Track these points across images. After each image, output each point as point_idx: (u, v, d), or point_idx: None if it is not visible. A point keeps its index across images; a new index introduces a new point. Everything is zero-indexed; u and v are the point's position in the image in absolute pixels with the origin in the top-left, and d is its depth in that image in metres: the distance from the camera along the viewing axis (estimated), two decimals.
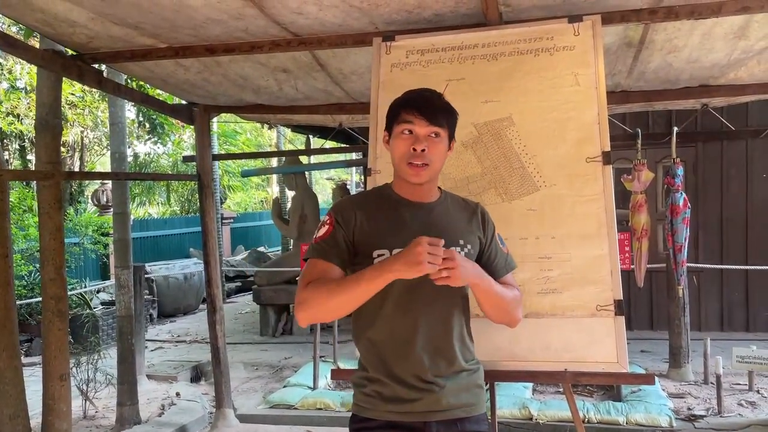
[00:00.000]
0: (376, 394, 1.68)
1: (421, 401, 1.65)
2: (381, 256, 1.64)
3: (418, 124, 1.65)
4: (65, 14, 2.68)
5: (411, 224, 1.69)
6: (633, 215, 3.96)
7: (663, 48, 3.15)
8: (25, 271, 7.65)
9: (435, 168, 1.69)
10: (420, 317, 1.66)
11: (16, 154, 11.71)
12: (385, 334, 1.67)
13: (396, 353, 1.66)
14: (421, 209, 1.73)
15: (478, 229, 1.77)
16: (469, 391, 1.71)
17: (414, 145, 1.64)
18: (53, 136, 3.26)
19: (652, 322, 7.23)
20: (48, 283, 3.20)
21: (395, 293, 1.64)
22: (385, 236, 1.66)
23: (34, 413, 3.33)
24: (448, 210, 1.77)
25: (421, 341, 1.65)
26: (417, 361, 1.65)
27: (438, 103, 1.71)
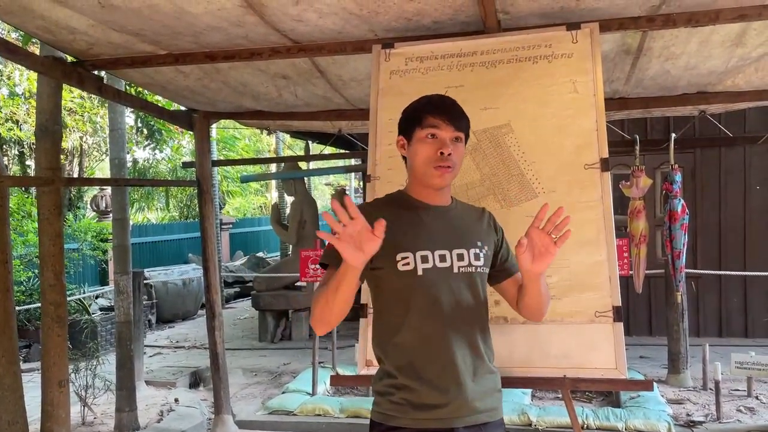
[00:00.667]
0: (405, 402, 1.66)
1: (448, 406, 1.64)
2: (405, 259, 1.65)
3: (444, 129, 1.69)
4: (66, 21, 2.69)
5: (431, 226, 1.72)
6: (631, 221, 3.98)
7: (661, 55, 3.17)
8: (24, 277, 7.65)
9: (457, 171, 1.74)
10: (447, 319, 1.66)
11: (15, 159, 11.72)
12: (413, 338, 1.67)
13: (427, 356, 1.65)
14: (439, 212, 1.76)
15: (491, 230, 1.82)
16: (492, 395, 1.72)
17: (442, 149, 1.67)
18: (53, 142, 3.27)
19: (651, 328, 7.23)
20: (47, 289, 3.20)
21: (419, 298, 1.66)
22: (407, 239, 1.68)
23: (32, 419, 3.33)
24: (463, 213, 1.82)
25: (451, 342, 1.66)
26: (449, 362, 1.64)
27: (459, 109, 1.76)
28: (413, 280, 1.65)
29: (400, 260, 1.65)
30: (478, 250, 1.72)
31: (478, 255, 1.72)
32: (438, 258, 1.67)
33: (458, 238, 1.71)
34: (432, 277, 1.66)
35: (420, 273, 1.65)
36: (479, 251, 1.72)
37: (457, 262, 1.68)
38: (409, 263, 1.65)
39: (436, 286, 1.65)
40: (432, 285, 1.65)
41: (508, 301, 1.88)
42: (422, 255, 1.66)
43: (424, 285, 1.65)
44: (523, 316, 1.86)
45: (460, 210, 1.82)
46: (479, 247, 1.73)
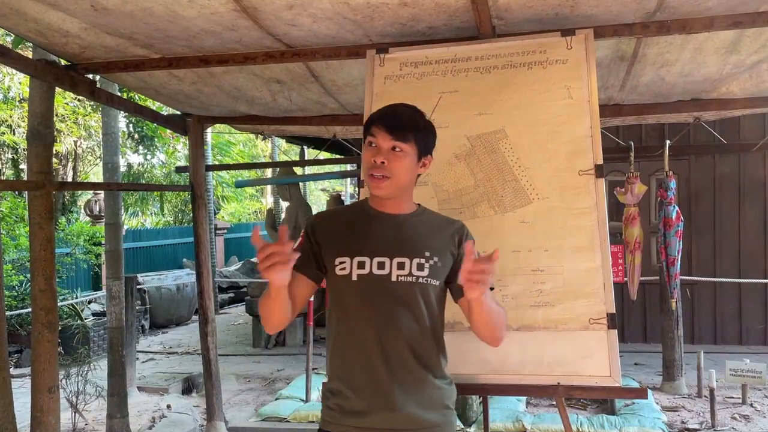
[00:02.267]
0: (337, 407, 1.68)
1: (381, 416, 1.62)
2: (342, 264, 1.66)
3: (381, 137, 1.65)
4: (58, 24, 2.67)
5: (375, 233, 1.70)
6: (626, 228, 3.97)
7: (655, 62, 3.17)
8: (16, 282, 7.59)
9: (398, 182, 1.67)
10: (381, 327, 1.63)
11: (8, 164, 11.67)
12: (347, 344, 1.67)
13: (358, 363, 1.65)
14: (390, 220, 1.73)
15: (454, 243, 1.74)
16: (435, 410, 1.68)
17: (374, 157, 1.65)
18: (45, 146, 3.24)
19: (646, 335, 7.23)
20: (38, 294, 3.17)
21: (352, 304, 1.66)
22: (347, 244, 1.68)
23: (22, 426, 3.29)
24: (420, 223, 1.76)
25: (382, 351, 1.63)
26: (378, 371, 1.62)
27: (407, 119, 1.69)
28: (348, 285, 1.66)
29: (338, 264, 1.67)
30: (423, 260, 1.66)
31: (423, 265, 1.66)
32: (376, 265, 1.65)
33: (403, 246, 1.67)
34: (367, 284, 1.64)
35: (354, 278, 1.64)
36: (425, 262, 1.66)
37: (397, 271, 1.65)
38: (345, 268, 1.65)
39: (371, 293, 1.63)
40: (366, 291, 1.63)
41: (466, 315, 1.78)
42: (359, 261, 1.65)
43: (359, 291, 1.64)
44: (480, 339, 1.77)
45: (422, 220, 1.77)
46: (426, 257, 1.67)
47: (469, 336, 2.32)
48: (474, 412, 4.56)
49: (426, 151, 1.73)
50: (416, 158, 1.70)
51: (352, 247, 1.67)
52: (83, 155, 13.87)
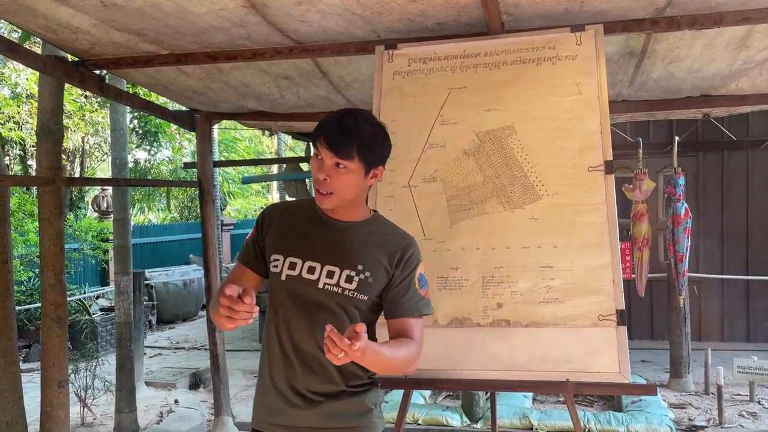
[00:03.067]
0: (259, 404, 1.71)
1: (297, 415, 1.63)
2: (276, 261, 1.66)
3: (324, 153, 1.59)
4: (68, 20, 2.68)
5: (314, 237, 1.68)
6: (634, 225, 3.96)
7: (665, 58, 3.16)
8: (25, 277, 7.63)
9: (342, 197, 1.63)
10: (299, 330, 1.63)
11: (16, 159, 11.72)
12: (272, 341, 1.68)
13: (278, 362, 1.66)
14: (334, 226, 1.69)
15: (391, 262, 1.66)
16: (352, 412, 1.66)
17: (317, 173, 1.61)
18: (54, 142, 3.25)
19: (653, 332, 7.21)
20: (47, 289, 3.19)
21: (279, 302, 1.66)
22: (285, 243, 1.68)
23: (32, 420, 3.31)
24: (365, 234, 1.69)
25: (298, 354, 1.63)
26: (293, 373, 1.63)
27: (350, 133, 1.59)
28: (277, 283, 1.66)
29: (272, 261, 1.67)
30: (354, 273, 1.62)
31: (352, 278, 1.62)
32: (306, 269, 1.63)
33: (337, 256, 1.63)
34: (294, 285, 1.63)
35: (283, 278, 1.64)
36: (355, 275, 1.62)
37: (325, 279, 1.62)
38: (277, 266, 1.65)
39: (297, 296, 1.63)
40: (292, 293, 1.63)
41: None
42: (291, 261, 1.64)
43: (285, 291, 1.64)
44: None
45: (367, 230, 1.70)
46: (357, 270, 1.62)
47: (478, 332, 2.34)
48: (480, 408, 4.56)
49: (374, 164, 1.64)
50: (363, 173, 1.62)
51: (288, 247, 1.66)
52: (90, 151, 13.92)
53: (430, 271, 1.74)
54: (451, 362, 2.34)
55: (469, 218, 2.43)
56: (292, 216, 1.74)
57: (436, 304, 2.38)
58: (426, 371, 2.35)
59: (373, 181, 1.69)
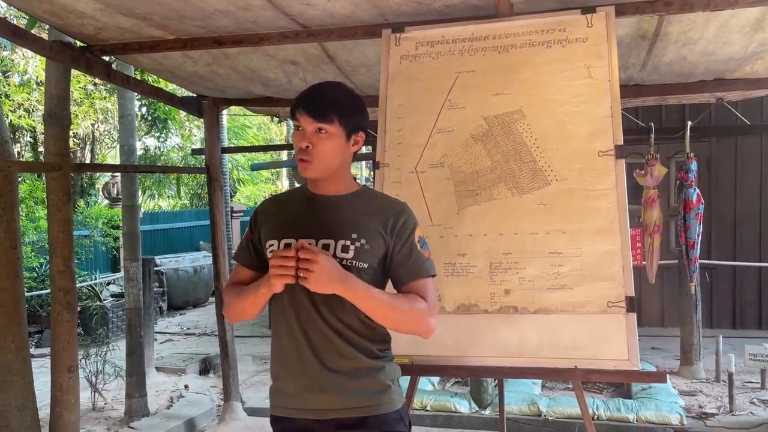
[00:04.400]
0: (276, 390, 1.70)
1: (314, 397, 1.61)
2: (271, 246, 1.65)
3: (303, 120, 1.61)
4: (73, 5, 2.67)
5: (305, 215, 1.67)
6: (645, 211, 3.92)
7: (677, 41, 3.10)
8: (36, 263, 7.69)
9: (325, 164, 1.63)
10: (306, 310, 1.61)
11: (27, 146, 11.77)
12: (280, 326, 1.67)
13: (288, 346, 1.64)
14: (324, 202, 1.68)
15: (386, 228, 1.64)
16: (370, 390, 1.63)
17: (299, 142, 1.62)
18: (62, 128, 3.25)
19: (663, 319, 7.17)
20: (57, 275, 3.20)
21: (291, 287, 1.60)
22: (277, 227, 1.68)
23: (43, 404, 3.34)
24: (357, 204, 1.68)
25: (308, 334, 1.62)
26: (304, 355, 1.62)
27: (331, 100, 1.62)
28: None
29: (268, 247, 1.67)
30: (348, 242, 1.60)
31: (347, 247, 1.60)
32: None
33: (330, 228, 1.62)
34: None
35: None
36: (350, 243, 1.60)
37: None
38: (273, 250, 1.63)
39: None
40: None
41: None
42: (286, 243, 1.62)
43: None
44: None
45: (357, 201, 1.70)
46: (352, 239, 1.61)
47: (486, 319, 2.32)
48: (489, 395, 4.56)
49: (355, 130, 1.66)
50: (344, 138, 1.64)
51: (282, 230, 1.66)
52: (101, 138, 13.96)
53: (437, 257, 1.72)
54: (458, 349, 2.33)
55: (477, 204, 2.40)
56: (283, 204, 1.76)
57: (443, 290, 2.37)
58: (433, 357, 2.34)
59: (354, 148, 1.69)
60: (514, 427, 4.28)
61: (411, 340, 2.34)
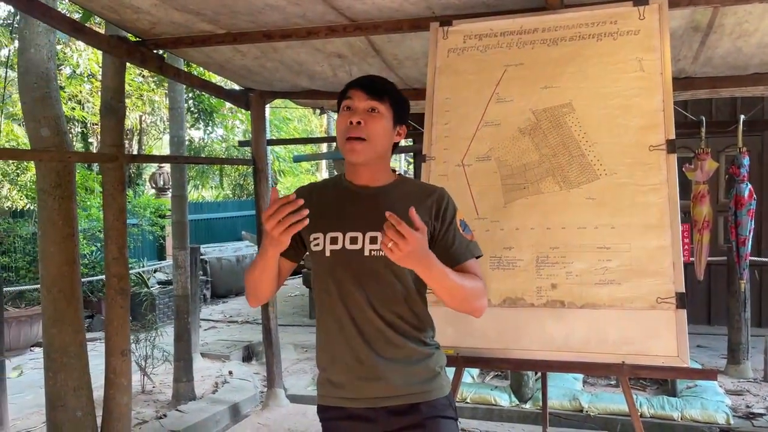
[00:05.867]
0: (326, 381, 1.71)
1: (369, 386, 1.63)
2: (316, 240, 1.65)
3: (357, 97, 1.63)
4: (130, 1, 2.75)
5: (349, 208, 1.68)
6: (694, 206, 3.84)
7: (732, 32, 3.02)
8: (87, 251, 7.95)
9: (375, 145, 1.63)
10: (355, 301, 1.63)
11: (78, 137, 12.14)
12: (328, 318, 1.68)
13: (337, 337, 1.65)
14: (365, 193, 1.69)
15: (430, 214, 1.66)
16: (423, 377, 1.66)
17: (351, 117, 1.62)
18: (117, 120, 3.36)
19: (710, 317, 7.01)
20: (111, 262, 3.32)
21: (327, 279, 1.65)
22: (321, 220, 1.65)
23: (95, 386, 3.47)
24: (397, 194, 1.69)
25: (356, 326, 1.63)
26: (355, 345, 1.63)
27: (383, 82, 1.69)
28: (322, 260, 1.65)
29: (312, 241, 1.66)
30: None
31: None
32: (349, 240, 1.63)
33: (376, 220, 1.55)
34: (340, 259, 1.63)
35: (328, 254, 1.64)
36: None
37: (369, 245, 1.62)
38: (318, 244, 1.65)
39: (344, 268, 1.63)
40: (339, 266, 1.63)
41: None
42: (332, 236, 1.64)
43: (332, 266, 1.64)
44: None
45: (398, 190, 1.70)
46: None
47: (532, 312, 2.32)
48: (530, 389, 4.55)
49: (401, 120, 1.70)
50: (392, 123, 1.67)
51: (326, 223, 1.66)
52: (147, 130, 14.30)
53: (483, 250, 1.74)
54: (503, 341, 2.34)
55: (524, 198, 2.40)
56: (321, 194, 1.74)
57: (489, 283, 2.38)
58: (478, 350, 2.36)
59: (397, 138, 1.71)
60: (556, 421, 4.26)
61: (456, 333, 2.38)
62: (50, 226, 3.25)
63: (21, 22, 3.36)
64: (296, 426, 4.36)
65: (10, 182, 8.56)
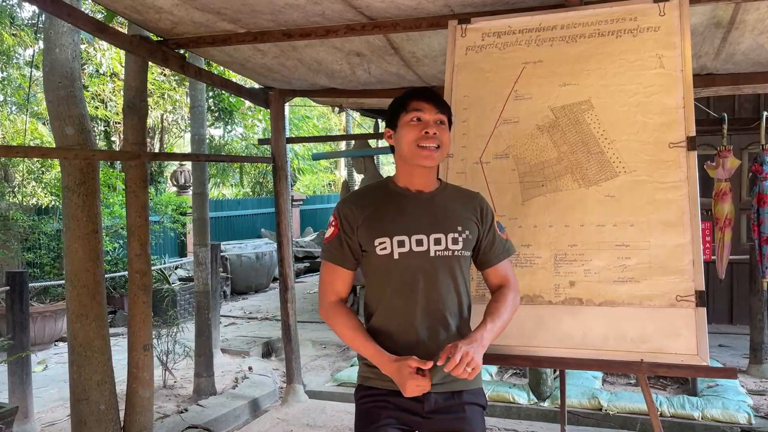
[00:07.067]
0: (372, 370, 1.81)
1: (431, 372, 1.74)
2: (382, 244, 1.76)
3: (428, 111, 1.78)
4: (152, 1, 2.80)
5: (412, 212, 1.81)
6: (716, 204, 3.79)
7: (755, 28, 2.99)
8: (110, 247, 8.07)
9: (444, 152, 1.82)
10: (420, 299, 1.77)
11: (101, 135, 12.30)
12: (388, 314, 1.79)
13: (398, 329, 1.78)
14: (421, 198, 1.84)
15: (476, 216, 1.87)
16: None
17: (426, 129, 1.77)
18: (140, 118, 3.41)
19: (732, 316, 6.92)
20: (134, 258, 3.37)
21: (394, 280, 1.77)
22: (385, 225, 1.78)
23: (117, 380, 3.54)
24: (447, 198, 1.87)
25: (421, 320, 1.78)
26: (416, 336, 1.77)
27: (441, 96, 1.87)
28: (390, 262, 1.77)
29: (378, 245, 1.77)
30: (457, 234, 1.80)
31: (457, 239, 1.80)
32: (415, 242, 1.77)
33: (437, 222, 1.79)
34: (408, 261, 1.77)
35: (396, 257, 1.76)
36: (458, 236, 1.80)
37: (434, 246, 1.78)
38: (386, 248, 1.76)
39: (412, 269, 1.77)
40: (407, 267, 1.76)
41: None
42: (399, 240, 1.76)
43: (400, 267, 1.77)
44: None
45: (447, 195, 1.88)
46: (459, 231, 1.81)
47: (550, 310, 2.33)
48: (548, 387, 4.53)
49: (451, 127, 1.90)
50: (449, 133, 1.87)
51: (390, 228, 1.78)
52: (169, 128, 14.45)
53: None
54: (522, 338, 2.34)
55: (542, 195, 2.40)
56: (372, 201, 1.84)
57: None
58: (496, 347, 2.36)
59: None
60: (574, 420, 4.25)
61: None
62: (74, 223, 3.32)
63: (46, 22, 3.42)
64: (315, 421, 4.40)
65: (36, 180, 8.71)
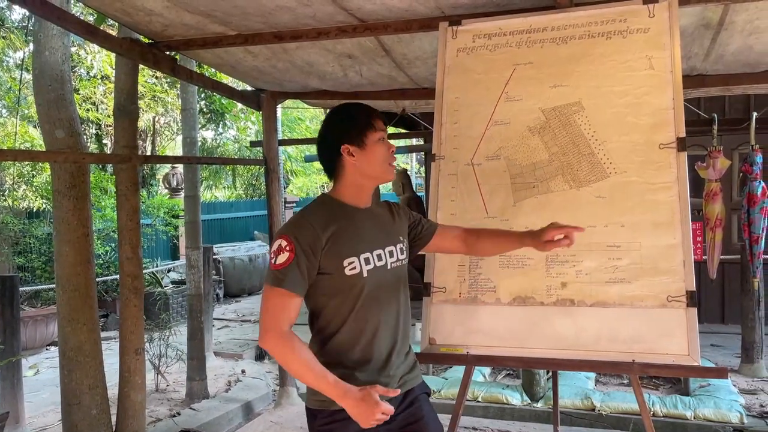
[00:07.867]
0: (347, 377, 1.77)
1: (391, 383, 1.83)
2: (351, 264, 1.75)
3: (385, 130, 1.87)
4: (143, 3, 2.79)
5: (369, 228, 1.85)
6: (707, 204, 3.82)
7: (744, 30, 3.00)
8: (102, 251, 8.04)
9: None
10: (383, 312, 1.83)
11: (92, 138, 12.25)
12: (354, 331, 1.80)
13: (365, 345, 1.80)
14: (366, 213, 1.88)
15: (404, 220, 2.00)
16: (413, 367, 1.95)
17: (390, 147, 1.86)
18: (130, 121, 3.40)
19: (724, 316, 6.96)
20: (125, 261, 3.36)
21: (363, 297, 1.78)
22: (352, 244, 1.78)
23: (109, 384, 3.52)
24: (379, 212, 1.94)
25: (385, 331, 1.83)
26: (382, 348, 1.82)
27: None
28: (360, 281, 1.77)
29: (347, 265, 1.76)
30: (401, 244, 1.92)
31: (402, 249, 1.92)
32: (376, 258, 1.82)
33: (385, 236, 1.88)
34: (376, 276, 1.80)
35: (365, 274, 1.78)
36: (402, 246, 1.92)
37: (389, 259, 1.85)
38: (355, 267, 1.76)
39: (377, 284, 1.81)
40: (374, 283, 1.80)
41: (445, 251, 2.27)
42: (365, 257, 1.79)
43: (370, 284, 1.79)
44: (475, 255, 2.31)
45: (378, 209, 1.94)
46: (401, 241, 1.93)
47: (542, 311, 2.33)
48: (541, 387, 4.54)
49: None
50: None
51: (358, 246, 1.79)
52: (161, 130, 14.40)
53: None
54: (513, 340, 2.34)
55: (534, 196, 2.41)
56: (330, 222, 1.76)
57: (499, 282, 2.39)
58: (488, 348, 2.36)
59: None
60: (567, 420, 4.26)
61: (466, 331, 2.39)
62: (65, 227, 3.30)
63: (36, 25, 3.41)
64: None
65: (26, 183, 8.66)
